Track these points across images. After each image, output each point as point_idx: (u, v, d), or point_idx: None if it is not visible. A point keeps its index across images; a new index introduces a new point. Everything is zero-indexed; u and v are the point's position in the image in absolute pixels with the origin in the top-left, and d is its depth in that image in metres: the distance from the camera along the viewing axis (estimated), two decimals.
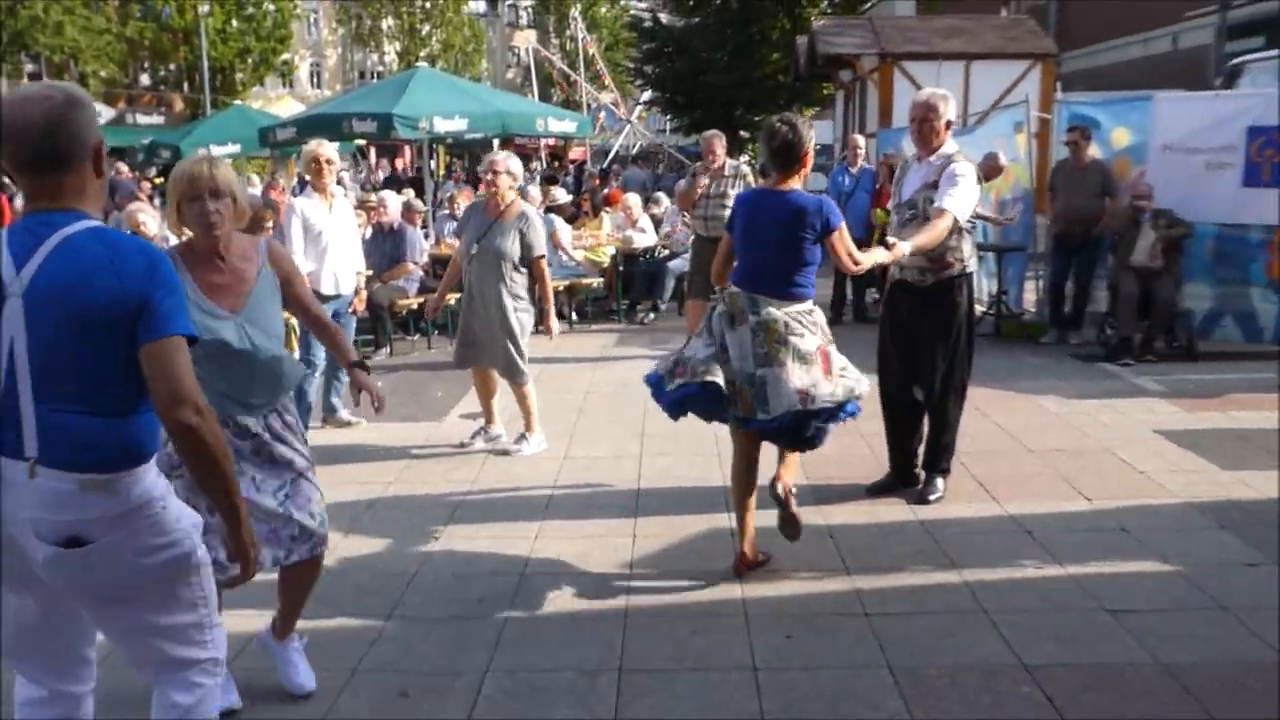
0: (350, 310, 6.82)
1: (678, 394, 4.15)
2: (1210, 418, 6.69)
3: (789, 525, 4.33)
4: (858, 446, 5.97)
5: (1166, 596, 4.07)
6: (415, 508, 5.31)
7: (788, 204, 4.18)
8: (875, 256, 4.49)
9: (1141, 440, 6.22)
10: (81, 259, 2.15)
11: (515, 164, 6.21)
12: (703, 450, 6.14)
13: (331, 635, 3.81)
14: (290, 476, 3.27)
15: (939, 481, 5.26)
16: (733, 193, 8.70)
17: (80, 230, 2.19)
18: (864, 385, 4.26)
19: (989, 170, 8.13)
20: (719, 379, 4.08)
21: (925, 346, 5.08)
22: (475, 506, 5.32)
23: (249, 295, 3.13)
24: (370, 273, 9.37)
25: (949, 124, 5.04)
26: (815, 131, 4.49)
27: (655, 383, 4.30)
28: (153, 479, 2.29)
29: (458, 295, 6.91)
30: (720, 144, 8.80)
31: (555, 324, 6.27)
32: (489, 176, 6.10)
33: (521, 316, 6.12)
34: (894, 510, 5.10)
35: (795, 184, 4.27)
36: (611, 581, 4.32)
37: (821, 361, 4.09)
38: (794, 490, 4.33)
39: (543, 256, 6.11)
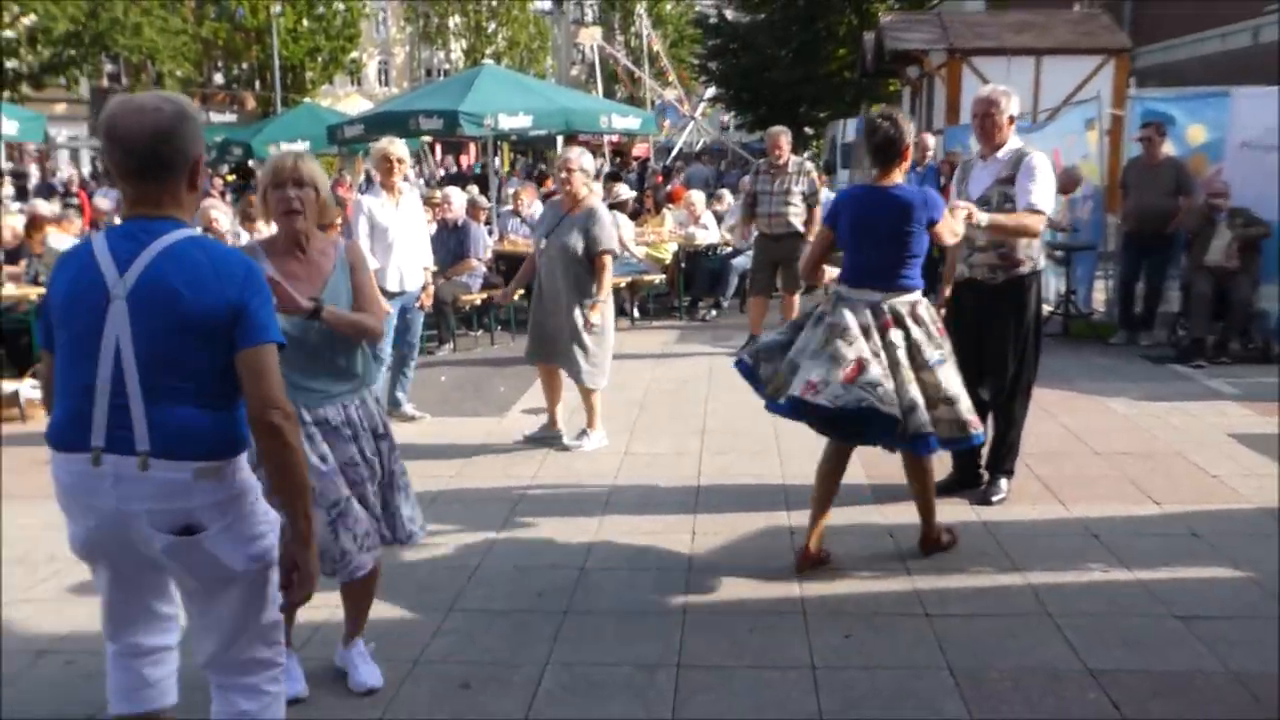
0: (418, 305, 6.91)
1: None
2: None
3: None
4: None
5: (1238, 603, 3.98)
6: (476, 502, 5.37)
7: (894, 200, 4.22)
8: (956, 224, 4.45)
9: (1214, 443, 6.08)
10: (183, 266, 2.27)
11: (588, 160, 6.25)
12: (762, 449, 6.14)
13: (393, 627, 3.88)
14: (345, 495, 3.26)
15: (1003, 482, 5.20)
16: (797, 190, 8.68)
17: (181, 239, 2.31)
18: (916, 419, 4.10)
19: (1067, 183, 7.98)
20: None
21: (993, 345, 5.01)
22: (536, 501, 5.37)
23: (324, 287, 3.22)
24: (436, 268, 9.51)
25: (1012, 119, 4.96)
26: (914, 125, 4.51)
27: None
28: (249, 469, 2.42)
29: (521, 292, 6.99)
30: (786, 140, 8.78)
31: (596, 317, 6.08)
32: (563, 174, 6.10)
33: (591, 315, 6.09)
34: (956, 510, 5.03)
35: (897, 178, 4.31)
36: (670, 578, 4.34)
37: (852, 369, 4.04)
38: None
39: (608, 252, 6.07)
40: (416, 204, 6.93)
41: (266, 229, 9.53)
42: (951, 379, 4.22)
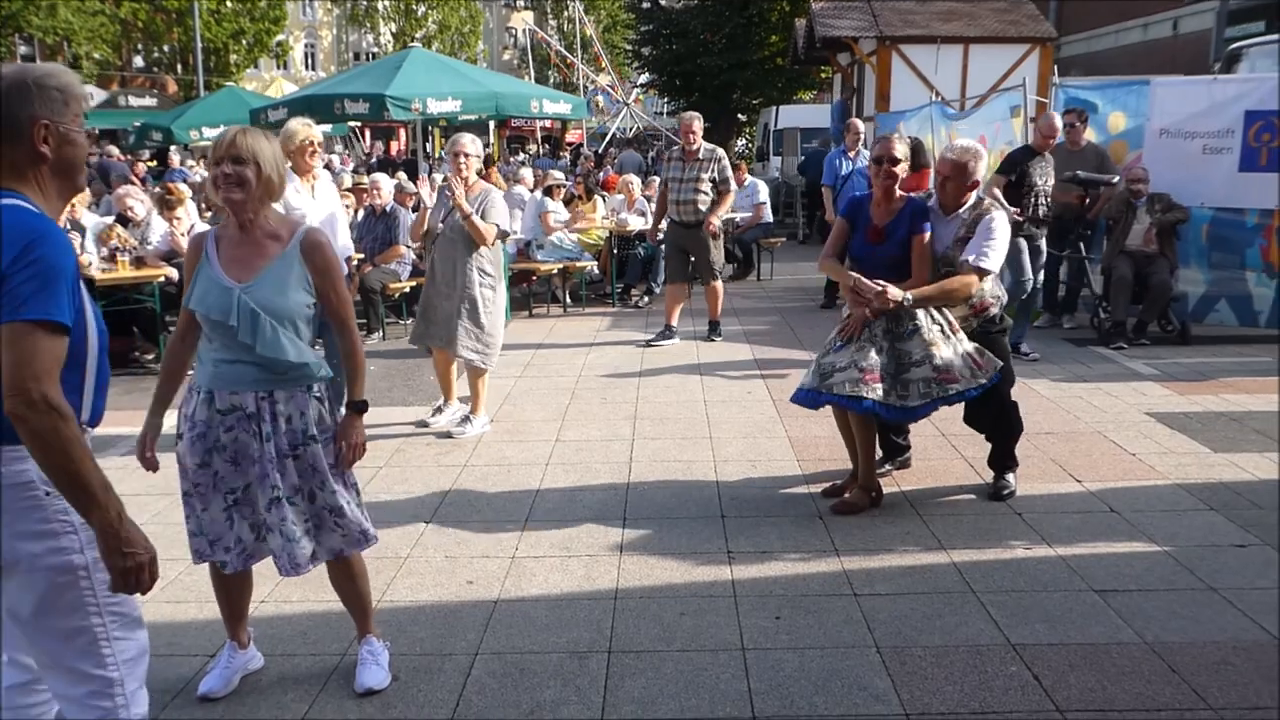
0: None
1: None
2: (1202, 401, 6.74)
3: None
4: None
5: (1154, 577, 4.11)
6: (406, 492, 5.33)
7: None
8: (892, 294, 4.63)
9: (1133, 423, 6.26)
10: None
11: (477, 145, 6.37)
12: (694, 434, 6.18)
13: (320, 621, 3.84)
14: (246, 483, 3.16)
15: (1010, 476, 5.16)
16: (707, 177, 8.62)
17: None
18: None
19: (1047, 130, 8.06)
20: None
21: None
22: (467, 490, 5.35)
23: (262, 271, 3.08)
24: (362, 256, 9.37)
25: (977, 183, 4.85)
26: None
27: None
28: (26, 458, 2.19)
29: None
30: (698, 125, 8.73)
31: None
32: (454, 159, 6.20)
33: (485, 292, 6.22)
34: (886, 489, 5.12)
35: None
36: (602, 564, 4.35)
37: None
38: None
39: (503, 233, 6.24)
40: (332, 190, 6.58)
41: (187, 217, 9.33)
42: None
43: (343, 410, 3.24)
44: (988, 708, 3.18)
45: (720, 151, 8.84)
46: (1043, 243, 8.12)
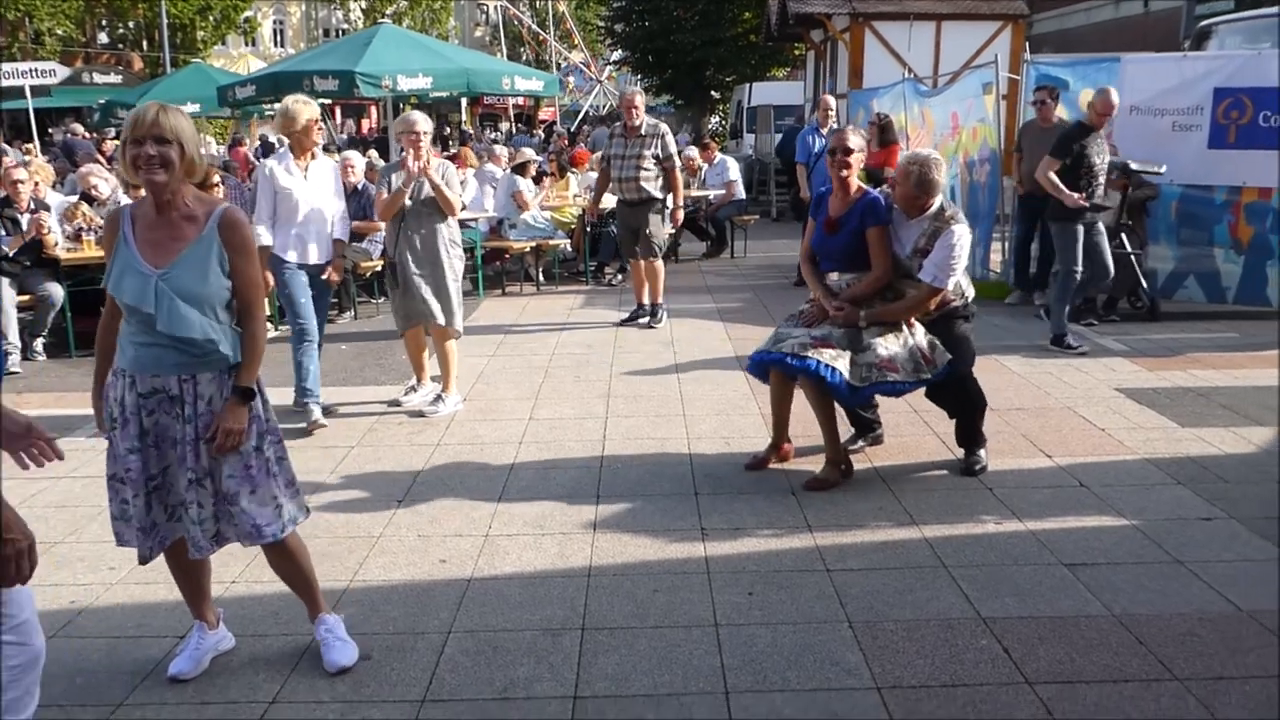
0: (325, 278, 6.26)
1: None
2: (1171, 376, 6.80)
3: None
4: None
5: (1123, 550, 4.15)
6: (379, 471, 5.31)
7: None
8: (848, 317, 4.84)
9: (1102, 398, 6.31)
10: None
11: (429, 123, 6.36)
12: (668, 412, 6.19)
13: (293, 600, 3.77)
14: (164, 468, 3.13)
15: (981, 452, 5.19)
16: (649, 154, 8.42)
17: None
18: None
19: (1103, 107, 7.73)
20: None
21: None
22: (440, 469, 5.33)
23: (179, 255, 3.01)
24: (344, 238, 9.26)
25: (936, 191, 4.85)
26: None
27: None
28: None
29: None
30: (640, 100, 8.63)
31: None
32: (412, 137, 6.11)
33: (455, 263, 6.31)
34: (856, 467, 5.16)
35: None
36: (575, 541, 4.35)
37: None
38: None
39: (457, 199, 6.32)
40: (328, 171, 6.26)
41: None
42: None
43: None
44: (958, 680, 3.21)
45: (664, 127, 8.67)
46: (1101, 226, 7.73)
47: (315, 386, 6.15)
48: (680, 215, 8.81)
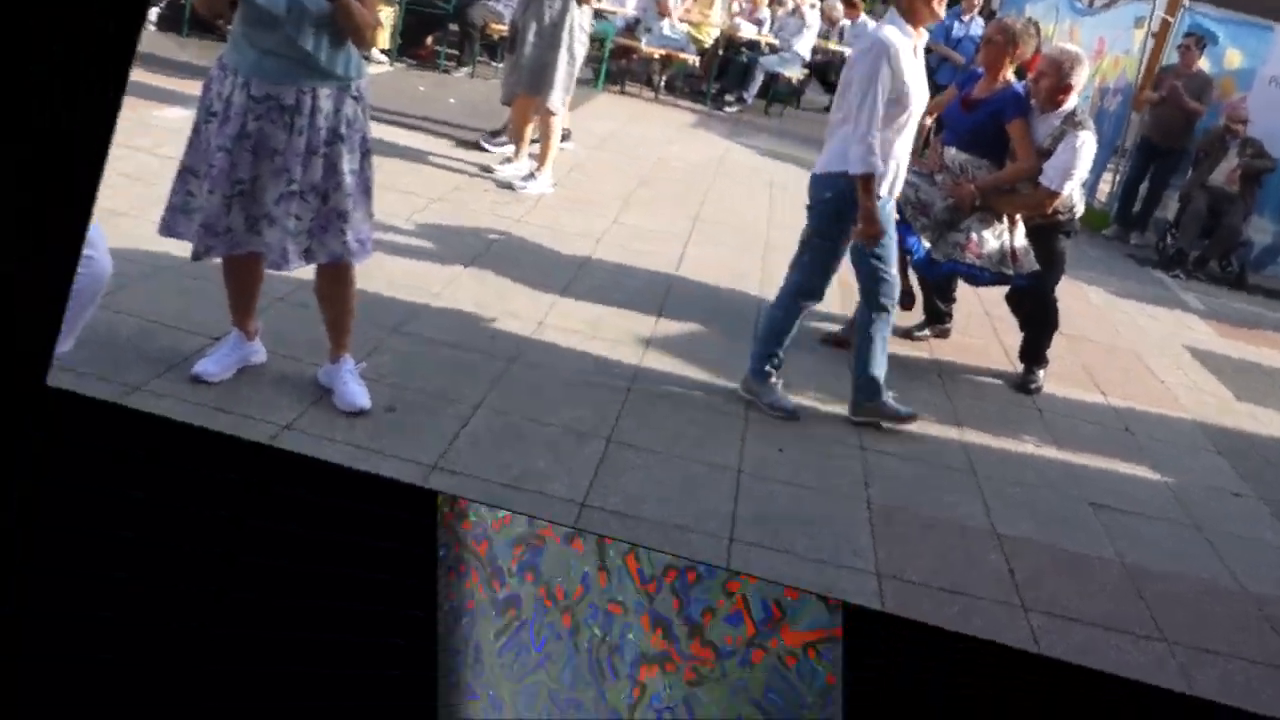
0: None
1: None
2: (1240, 347, 6.36)
3: None
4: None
5: (1148, 504, 3.87)
6: (454, 232, 5.04)
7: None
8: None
9: (1170, 352, 5.92)
10: None
11: None
12: (751, 248, 5.83)
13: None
14: (291, 188, 2.89)
15: (1040, 372, 4.87)
16: None
17: None
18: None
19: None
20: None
21: None
22: (513, 244, 5.06)
23: None
24: None
25: (1071, 87, 4.54)
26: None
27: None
28: None
29: None
30: None
31: None
32: None
33: (577, 48, 5.94)
34: (917, 356, 4.84)
35: None
36: (624, 352, 4.10)
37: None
38: None
39: None
40: None
41: None
42: None
43: None
44: (957, 587, 3.00)
45: None
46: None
47: None
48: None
